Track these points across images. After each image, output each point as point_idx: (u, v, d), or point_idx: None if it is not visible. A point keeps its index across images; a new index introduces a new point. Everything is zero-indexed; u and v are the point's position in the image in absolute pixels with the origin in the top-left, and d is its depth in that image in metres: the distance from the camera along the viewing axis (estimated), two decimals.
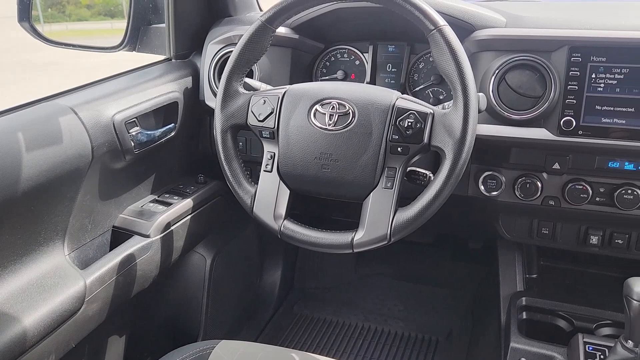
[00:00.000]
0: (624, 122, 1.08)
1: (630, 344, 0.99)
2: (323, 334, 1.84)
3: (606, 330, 1.28)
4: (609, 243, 1.25)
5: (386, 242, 1.00)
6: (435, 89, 1.35)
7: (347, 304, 1.98)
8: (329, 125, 1.02)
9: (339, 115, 1.02)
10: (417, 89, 1.37)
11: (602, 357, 1.05)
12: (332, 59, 1.44)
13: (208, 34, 1.46)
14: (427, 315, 1.92)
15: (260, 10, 1.65)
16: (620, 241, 1.24)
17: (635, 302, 0.96)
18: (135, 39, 1.51)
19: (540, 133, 1.13)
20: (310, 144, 1.03)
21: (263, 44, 1.09)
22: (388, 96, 1.02)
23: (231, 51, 1.30)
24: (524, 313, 1.35)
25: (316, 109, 1.04)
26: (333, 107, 1.03)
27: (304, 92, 1.06)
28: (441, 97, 1.34)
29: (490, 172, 1.24)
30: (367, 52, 1.40)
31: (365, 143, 1.00)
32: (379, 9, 1.06)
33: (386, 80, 1.40)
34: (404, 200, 1.02)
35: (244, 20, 1.48)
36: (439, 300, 1.99)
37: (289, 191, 1.07)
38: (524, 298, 1.36)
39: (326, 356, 1.03)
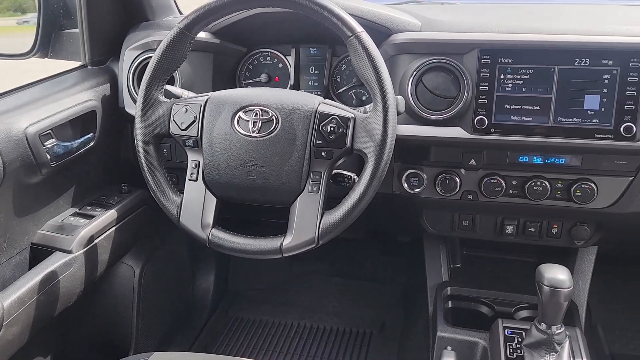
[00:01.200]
0: (530, 119, 1.15)
1: (543, 326, 1.07)
2: (259, 336, 1.84)
3: (524, 313, 1.37)
4: (523, 232, 1.33)
5: (314, 245, 1.02)
6: (358, 90, 1.38)
7: (282, 303, 1.99)
8: (253, 132, 1.03)
9: (262, 122, 1.03)
10: (340, 90, 1.40)
11: (519, 339, 1.12)
12: (255, 62, 1.44)
13: (125, 40, 1.42)
14: (361, 309, 1.97)
15: (180, 13, 1.62)
16: (532, 229, 1.32)
17: (545, 287, 1.04)
18: (46, 45, 1.44)
19: (456, 132, 1.18)
20: (235, 151, 1.03)
21: (182, 51, 1.08)
22: (310, 102, 1.04)
23: (150, 57, 1.27)
24: (450, 302, 1.42)
25: (239, 116, 1.04)
26: (256, 113, 1.03)
27: (226, 99, 1.06)
28: (364, 99, 1.38)
29: (412, 170, 1.29)
30: (290, 55, 1.41)
31: (289, 149, 1.02)
32: (300, 13, 1.08)
33: (309, 83, 1.42)
34: (332, 201, 1.05)
35: (162, 24, 1.45)
36: (371, 294, 2.04)
37: (215, 199, 1.06)
38: (449, 288, 1.42)
39: None
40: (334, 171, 1.09)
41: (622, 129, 1.11)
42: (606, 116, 1.12)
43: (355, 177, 1.07)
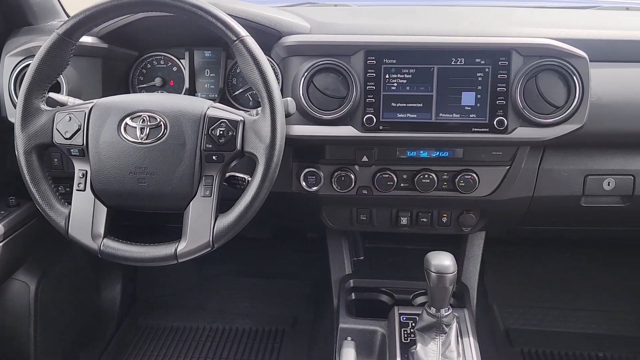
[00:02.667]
0: (415, 116, 1.22)
1: (432, 310, 1.14)
2: (170, 343, 1.82)
3: (421, 299, 1.45)
4: (416, 222, 1.40)
5: (210, 248, 1.03)
6: (254, 92, 1.39)
7: (193, 308, 1.97)
8: (141, 138, 1.02)
9: (150, 128, 1.02)
10: (236, 93, 1.40)
11: (413, 324, 1.19)
12: (149, 66, 1.42)
13: (5, 45, 1.35)
14: (273, 307, 1.99)
15: (68, 16, 1.56)
16: (425, 219, 1.40)
17: (433, 273, 1.11)
18: None
19: (347, 130, 1.23)
20: (124, 159, 1.01)
21: (63, 57, 1.04)
22: (199, 106, 1.04)
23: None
24: (353, 294, 1.48)
25: (126, 123, 1.02)
26: (144, 120, 1.02)
27: (112, 105, 1.04)
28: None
29: (309, 169, 1.32)
30: (184, 59, 1.40)
31: (179, 154, 1.01)
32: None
33: (205, 86, 1.42)
34: (230, 203, 1.06)
35: (44, 29, 1.39)
36: (283, 291, 2.07)
37: (106, 209, 1.04)
38: (351, 280, 1.48)
39: None
40: (228, 174, 1.10)
41: (495, 122, 1.20)
42: (481, 111, 1.20)
43: (250, 179, 1.09)
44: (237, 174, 1.10)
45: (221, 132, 1.01)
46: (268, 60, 1.32)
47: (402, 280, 1.48)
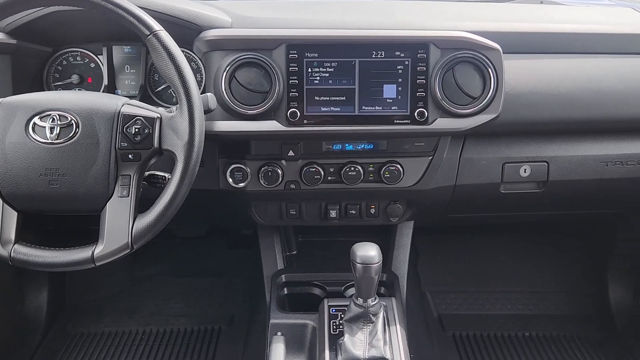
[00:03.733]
0: (338, 109, 1.23)
1: (360, 300, 1.16)
2: (101, 350, 1.76)
3: (353, 290, 1.46)
4: (346, 214, 1.42)
5: (129, 250, 1.00)
6: None
7: (125, 311, 1.92)
8: (51, 139, 0.97)
9: (61, 128, 0.98)
10: (158, 89, 1.37)
11: (342, 316, 1.20)
12: (64, 62, 1.36)
13: None
14: (209, 306, 1.97)
15: None
16: (353, 212, 1.41)
17: (358, 264, 1.12)
18: None
19: (272, 125, 1.22)
20: (32, 160, 0.97)
21: None
22: (113, 103, 1.01)
23: None
24: (285, 289, 1.48)
25: (34, 123, 0.98)
26: (53, 119, 0.98)
27: (18, 104, 0.99)
28: None
29: (236, 165, 1.31)
30: (102, 54, 1.35)
31: (93, 154, 0.98)
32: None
33: (126, 82, 1.38)
34: (151, 203, 1.03)
35: None
36: (219, 289, 2.04)
37: (16, 213, 0.99)
38: (283, 275, 1.48)
39: None
40: (147, 172, 1.07)
41: (416, 114, 1.22)
42: (403, 103, 1.23)
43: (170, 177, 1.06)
44: (157, 173, 1.08)
45: (137, 130, 0.98)
46: (189, 55, 1.32)
47: (334, 273, 1.49)
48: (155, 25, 0.99)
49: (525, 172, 1.38)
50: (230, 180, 1.31)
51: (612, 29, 1.38)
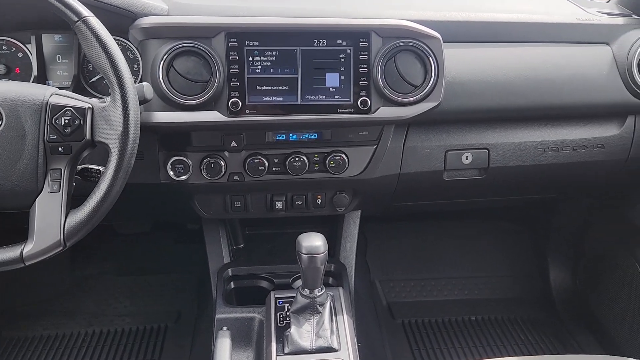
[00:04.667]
0: (281, 99, 1.21)
1: (306, 291, 1.15)
2: (39, 354, 1.68)
3: (300, 282, 1.46)
4: (292, 206, 1.40)
5: (62, 248, 0.95)
6: None
7: (66, 313, 1.84)
8: None
9: None
10: (93, 79, 1.31)
11: (289, 307, 1.19)
12: None
13: None
14: (156, 304, 1.92)
15: None
16: (300, 202, 1.40)
17: (303, 255, 1.11)
18: None
19: (213, 115, 1.19)
20: None
21: None
22: (40, 93, 0.95)
23: None
24: (232, 283, 1.45)
25: None
26: None
27: None
28: None
29: (177, 157, 1.27)
30: (30, 43, 1.28)
31: (19, 147, 0.92)
32: None
33: (58, 73, 1.31)
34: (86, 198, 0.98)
35: None
36: (166, 286, 1.99)
37: None
38: (230, 269, 1.45)
39: None
40: (81, 166, 1.02)
41: (359, 103, 1.22)
42: (346, 92, 1.22)
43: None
44: (91, 166, 1.03)
45: (66, 121, 0.93)
46: (125, 44, 1.27)
47: (282, 265, 1.48)
48: (84, 11, 0.94)
49: (467, 159, 1.41)
50: (171, 173, 1.27)
51: (548, 19, 1.42)
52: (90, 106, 0.96)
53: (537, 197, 1.74)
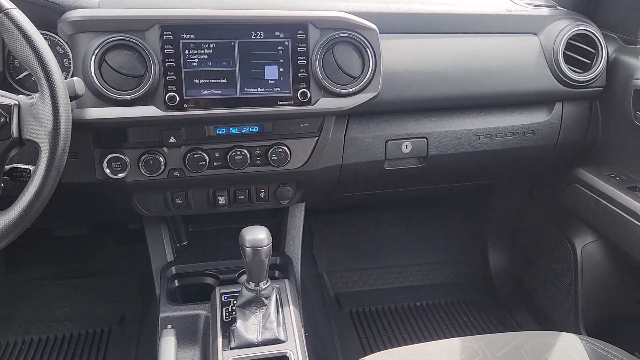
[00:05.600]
0: (220, 92, 1.19)
1: (252, 285, 1.14)
2: None
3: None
4: (235, 200, 1.39)
5: None
6: None
7: (1, 321, 1.75)
8: None
9: None
10: (20, 76, 1.25)
11: (234, 302, 1.18)
12: None
13: None
14: (98, 307, 1.86)
15: None
16: (243, 197, 1.39)
17: (247, 248, 1.11)
18: None
19: (149, 110, 1.16)
20: None
21: None
22: None
23: None
24: (176, 281, 1.43)
25: None
26: None
27: None
28: None
29: (113, 155, 1.23)
30: None
31: None
32: None
33: None
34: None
35: None
36: (109, 288, 1.94)
37: None
38: (173, 267, 1.42)
39: None
40: (9, 166, 0.98)
41: (299, 94, 1.22)
42: (285, 84, 1.22)
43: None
44: (20, 166, 0.98)
45: None
46: (54, 39, 1.22)
47: (227, 260, 1.46)
48: (6, 3, 0.90)
49: (406, 148, 1.44)
50: (107, 171, 1.23)
51: (480, 10, 1.46)
52: (17, 103, 0.91)
53: (475, 183, 1.80)
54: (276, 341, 1.12)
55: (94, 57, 1.11)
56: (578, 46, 1.45)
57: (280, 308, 1.19)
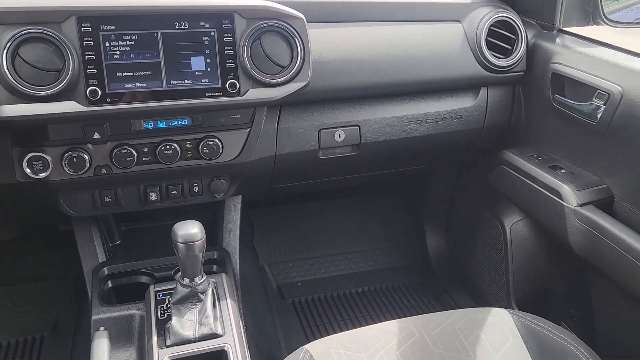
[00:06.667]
0: (144, 85, 1.16)
1: (186, 280, 1.12)
2: None
3: None
4: (167, 196, 1.36)
5: None
6: None
7: None
8: None
9: None
10: None
11: (170, 299, 1.16)
12: None
13: None
14: (29, 314, 1.78)
15: None
16: (175, 192, 1.36)
17: (180, 244, 1.09)
18: None
19: (70, 106, 1.11)
20: None
21: None
22: None
23: None
24: (109, 282, 1.38)
25: None
26: None
27: None
28: None
29: (33, 154, 1.17)
30: None
31: None
32: None
33: None
34: None
35: None
36: (40, 294, 1.85)
37: None
38: (105, 268, 1.38)
39: None
40: None
41: (227, 85, 1.20)
42: (213, 75, 1.19)
43: None
44: None
45: None
46: None
47: (163, 258, 1.43)
48: None
49: (339, 137, 1.45)
50: (28, 171, 1.18)
51: None
52: None
53: (408, 169, 1.84)
54: (213, 336, 1.10)
55: (5, 51, 1.05)
56: (499, 32, 1.51)
57: (217, 302, 1.18)
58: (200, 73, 1.19)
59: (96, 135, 1.19)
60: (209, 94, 1.20)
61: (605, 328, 1.43)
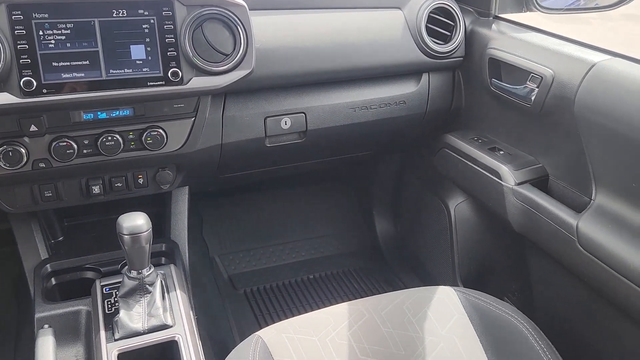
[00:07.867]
0: (82, 75, 1.12)
1: (134, 273, 1.11)
2: None
3: None
4: (111, 189, 1.33)
5: None
6: None
7: None
8: None
9: None
10: None
11: (117, 293, 1.14)
12: None
13: None
14: None
15: None
16: (119, 184, 1.33)
17: (125, 236, 1.07)
18: None
19: (3, 98, 1.07)
20: None
21: None
22: None
23: None
24: (53, 279, 1.34)
25: None
26: None
27: None
28: None
29: None
30: None
31: None
32: None
33: None
34: None
35: None
36: None
37: None
38: (48, 265, 1.34)
39: None
40: None
41: (169, 74, 1.18)
42: (154, 64, 1.17)
43: None
44: None
45: None
46: None
47: (109, 252, 1.40)
48: None
49: (286, 124, 1.46)
50: None
51: None
52: None
53: (355, 155, 1.86)
54: (163, 327, 1.10)
55: None
56: (438, 19, 1.54)
57: (166, 294, 1.17)
58: (141, 62, 1.17)
59: (33, 128, 1.15)
60: (151, 83, 1.18)
61: (544, 300, 1.51)
